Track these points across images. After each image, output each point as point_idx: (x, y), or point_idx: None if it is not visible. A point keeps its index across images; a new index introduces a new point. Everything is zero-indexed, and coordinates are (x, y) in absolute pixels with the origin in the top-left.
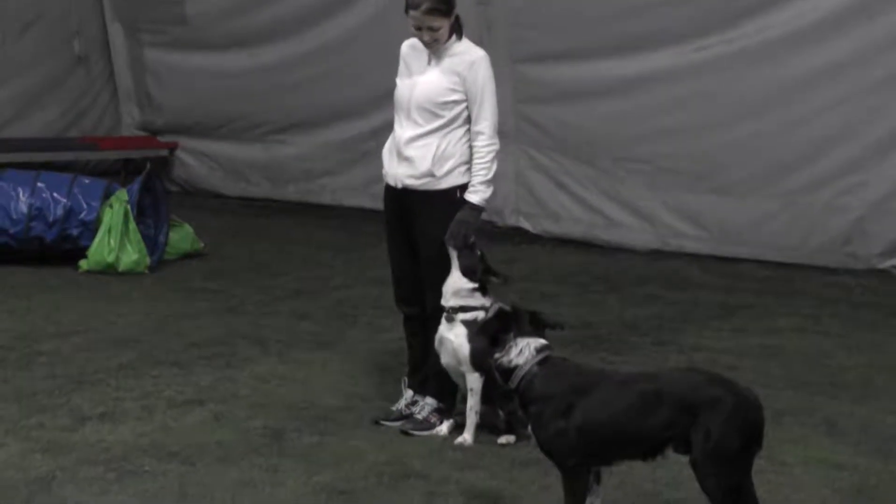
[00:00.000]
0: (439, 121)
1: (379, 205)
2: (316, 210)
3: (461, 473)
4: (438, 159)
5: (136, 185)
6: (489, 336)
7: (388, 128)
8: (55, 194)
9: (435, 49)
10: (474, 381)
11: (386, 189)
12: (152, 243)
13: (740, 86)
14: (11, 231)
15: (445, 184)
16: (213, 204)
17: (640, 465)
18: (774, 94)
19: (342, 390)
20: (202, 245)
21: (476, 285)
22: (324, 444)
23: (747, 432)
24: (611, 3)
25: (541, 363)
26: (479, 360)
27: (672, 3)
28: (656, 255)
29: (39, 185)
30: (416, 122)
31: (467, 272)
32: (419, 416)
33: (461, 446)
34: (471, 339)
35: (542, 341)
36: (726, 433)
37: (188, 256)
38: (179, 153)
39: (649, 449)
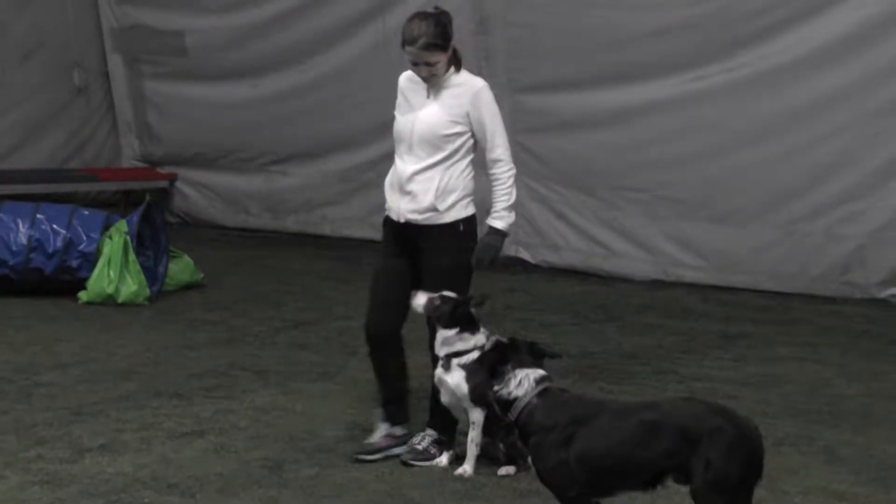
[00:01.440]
0: (441, 153)
1: (379, 235)
2: (316, 241)
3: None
4: (441, 193)
5: (135, 217)
6: (487, 369)
7: (388, 158)
8: (55, 226)
9: (433, 83)
10: (476, 415)
11: (387, 221)
12: (152, 275)
13: (739, 114)
14: (11, 263)
15: (448, 217)
16: (212, 235)
17: (639, 495)
18: (773, 123)
19: (343, 421)
20: (202, 276)
21: (457, 329)
22: (324, 475)
23: (747, 462)
24: (610, 33)
25: (540, 394)
26: (479, 395)
27: (671, 33)
28: (656, 284)
29: (39, 216)
30: (417, 156)
31: (443, 323)
32: (419, 447)
33: (461, 477)
34: (469, 375)
35: (542, 372)
36: (727, 463)
37: (188, 288)
38: (179, 184)
39: (649, 479)
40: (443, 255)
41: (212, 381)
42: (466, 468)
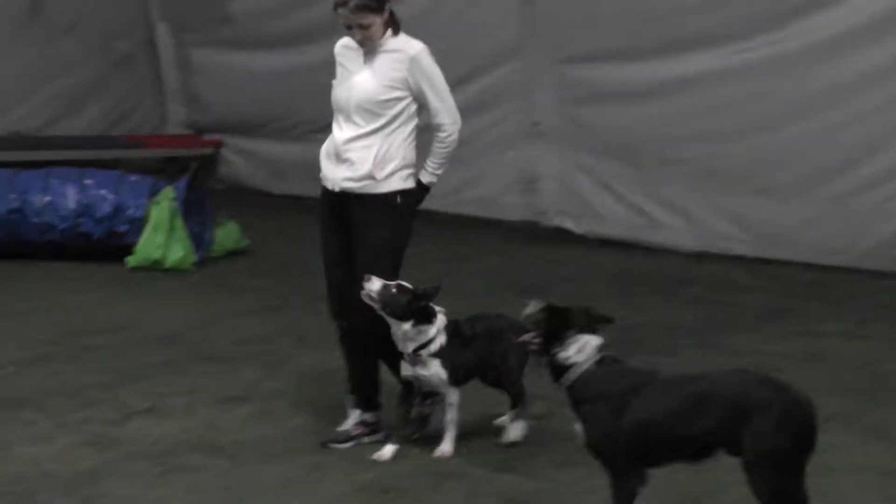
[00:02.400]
0: (380, 120)
1: (423, 204)
2: None
3: (500, 475)
4: (380, 161)
5: (182, 183)
6: (547, 333)
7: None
8: (103, 191)
9: (369, 47)
10: (453, 396)
11: (322, 193)
12: (198, 240)
13: (786, 87)
14: (60, 227)
15: (385, 187)
16: (257, 202)
17: (684, 468)
18: (820, 96)
19: (385, 389)
20: (247, 242)
21: (412, 322)
22: (366, 442)
23: (798, 434)
24: (655, 4)
25: (597, 362)
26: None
27: (717, 5)
28: (700, 257)
29: (87, 182)
30: (355, 124)
31: (397, 316)
32: (341, 429)
33: (442, 457)
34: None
35: (601, 340)
36: (778, 435)
37: (233, 254)
38: (225, 151)
39: (698, 450)
40: (377, 229)
41: (256, 347)
42: (445, 448)
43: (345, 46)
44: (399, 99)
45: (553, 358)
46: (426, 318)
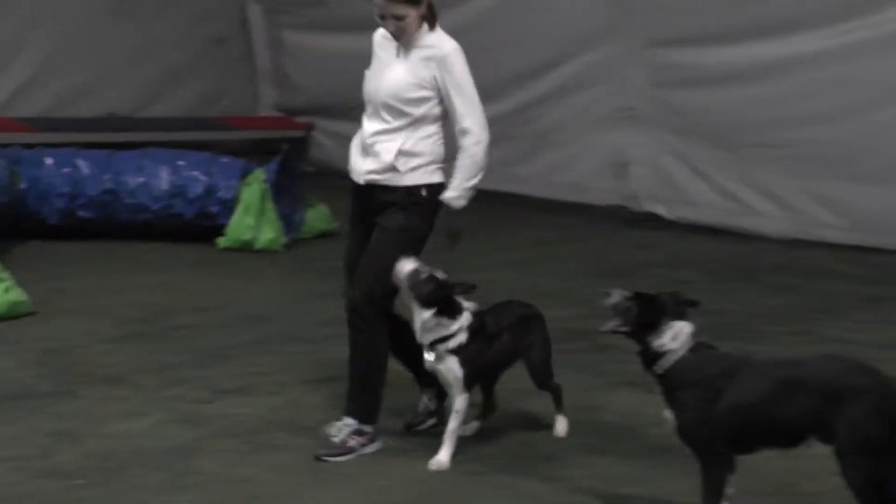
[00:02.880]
0: (406, 118)
1: (513, 188)
2: None
3: (597, 458)
4: (403, 155)
5: (273, 165)
6: (639, 320)
7: (521, 111)
8: (195, 172)
9: (403, 40)
10: (460, 403)
11: (352, 186)
12: (288, 222)
13: (884, 70)
14: (153, 208)
15: (409, 180)
16: (347, 184)
17: (775, 457)
18: None
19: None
20: (337, 225)
21: (433, 312)
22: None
23: (894, 423)
24: None
25: (693, 349)
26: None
27: None
28: (794, 243)
29: (180, 163)
30: (382, 119)
31: (420, 301)
32: (335, 439)
33: (437, 466)
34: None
35: (692, 326)
36: (872, 423)
37: (323, 236)
38: (316, 134)
39: (791, 437)
40: (398, 214)
41: (344, 329)
42: (441, 459)
43: (383, 36)
44: (426, 99)
45: (647, 346)
46: (450, 311)
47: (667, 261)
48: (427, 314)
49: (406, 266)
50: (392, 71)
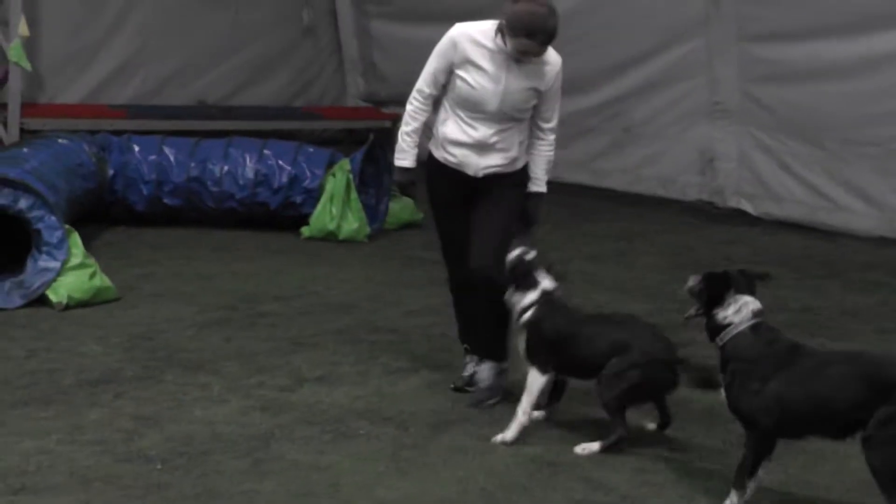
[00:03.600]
0: (518, 123)
1: (599, 181)
2: None
3: (679, 454)
4: (522, 146)
5: (359, 155)
6: (708, 293)
7: (609, 104)
8: (280, 162)
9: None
10: (534, 380)
11: (448, 172)
12: (373, 212)
13: None
14: (238, 196)
15: (520, 164)
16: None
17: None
18: None
19: None
20: (421, 216)
21: (513, 287)
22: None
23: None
24: None
25: (753, 326)
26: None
27: None
28: (882, 241)
29: (266, 152)
30: (501, 123)
31: (507, 279)
32: (485, 384)
33: (501, 441)
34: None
35: (759, 305)
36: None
37: (407, 227)
38: None
39: (841, 428)
40: (509, 196)
41: (427, 319)
42: (507, 435)
43: (474, 42)
44: (535, 99)
45: (712, 318)
46: (527, 285)
47: (752, 257)
48: (510, 289)
49: (513, 253)
50: (514, 86)
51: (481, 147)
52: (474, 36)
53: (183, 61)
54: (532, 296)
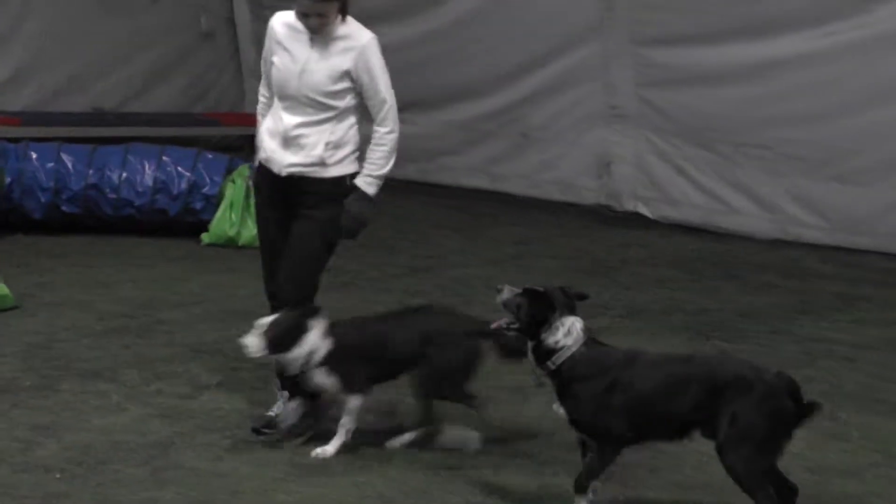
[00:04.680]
0: (330, 111)
1: (497, 186)
2: (434, 189)
3: (570, 455)
4: (332, 147)
5: (257, 161)
6: (532, 317)
7: (506, 109)
8: (180, 168)
9: (321, 33)
10: (354, 401)
11: (263, 172)
12: None
13: (868, 72)
14: (136, 203)
15: (335, 172)
16: None
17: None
18: None
19: None
20: None
21: None
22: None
23: (774, 417)
24: None
25: (585, 344)
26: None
27: None
28: (775, 243)
29: (165, 158)
30: (304, 112)
31: None
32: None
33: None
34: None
35: (583, 321)
36: (753, 417)
37: None
38: None
39: (677, 430)
40: (320, 209)
41: None
42: (328, 448)
43: (287, 25)
44: (347, 90)
45: (540, 343)
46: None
47: (648, 259)
48: None
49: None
50: (312, 66)
51: (285, 140)
52: (287, 19)
53: (78, 68)
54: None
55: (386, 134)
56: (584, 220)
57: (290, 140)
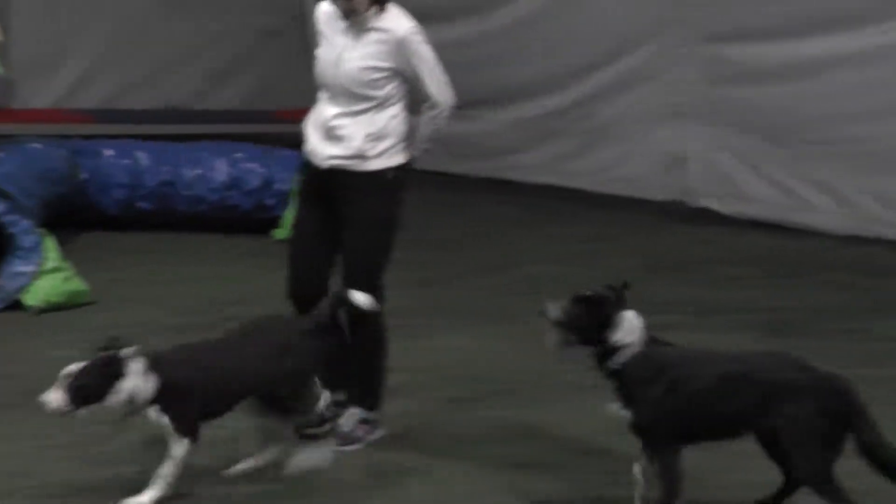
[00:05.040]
0: (368, 102)
1: (567, 182)
2: (503, 186)
3: None
4: (372, 139)
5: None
6: (596, 322)
7: (576, 106)
8: (252, 165)
9: (353, 20)
10: (179, 448)
11: (307, 165)
12: None
13: None
14: (210, 200)
15: (376, 165)
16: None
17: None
18: None
19: (531, 364)
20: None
21: None
22: (512, 417)
23: (832, 417)
24: None
25: (646, 342)
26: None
27: None
28: (850, 240)
29: (237, 155)
30: (343, 102)
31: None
32: (344, 430)
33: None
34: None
35: (641, 318)
36: (808, 418)
37: None
38: None
39: (731, 431)
40: (367, 206)
41: (400, 321)
42: (143, 500)
43: (329, 14)
44: (387, 79)
45: (603, 342)
46: None
47: (722, 256)
48: None
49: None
50: (347, 56)
51: (326, 131)
52: (329, 7)
53: (150, 65)
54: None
55: (437, 114)
56: (655, 216)
57: (329, 131)
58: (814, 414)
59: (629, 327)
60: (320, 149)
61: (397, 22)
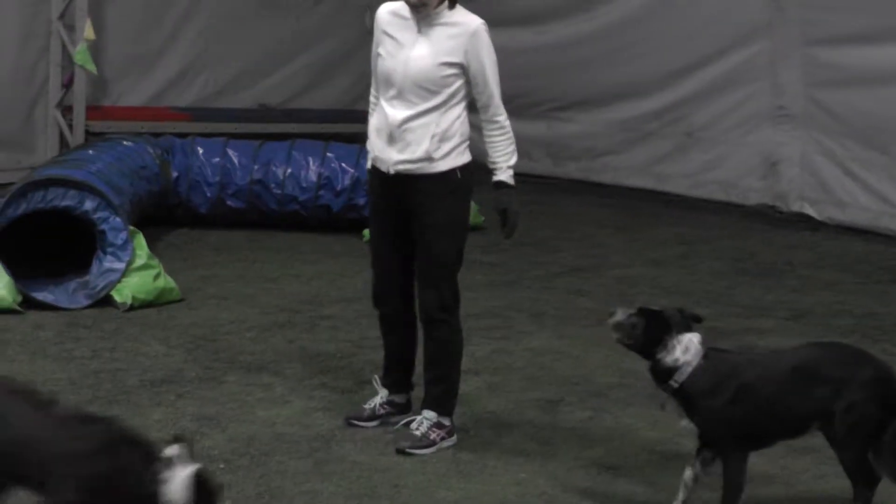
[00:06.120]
0: (437, 98)
1: (660, 185)
2: (596, 188)
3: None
4: (438, 140)
5: (369, 163)
6: (648, 336)
7: (674, 108)
8: (343, 164)
9: (423, 15)
10: None
11: (373, 172)
12: None
13: None
14: (301, 199)
15: (444, 166)
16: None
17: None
18: None
19: (617, 367)
20: (483, 219)
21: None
22: (597, 419)
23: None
24: None
25: (704, 356)
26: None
27: None
28: None
29: (329, 155)
30: (410, 102)
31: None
32: (418, 432)
33: None
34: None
35: (700, 335)
36: (866, 405)
37: (471, 229)
38: None
39: (800, 426)
40: (437, 209)
41: (489, 322)
42: None
43: (393, 14)
44: (456, 76)
45: (657, 362)
46: None
47: (815, 261)
48: None
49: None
50: (418, 51)
51: (391, 136)
52: (392, 7)
53: (245, 65)
54: None
55: (505, 121)
56: (748, 220)
57: (395, 136)
58: (871, 404)
59: (685, 348)
60: (386, 155)
61: (469, 17)
